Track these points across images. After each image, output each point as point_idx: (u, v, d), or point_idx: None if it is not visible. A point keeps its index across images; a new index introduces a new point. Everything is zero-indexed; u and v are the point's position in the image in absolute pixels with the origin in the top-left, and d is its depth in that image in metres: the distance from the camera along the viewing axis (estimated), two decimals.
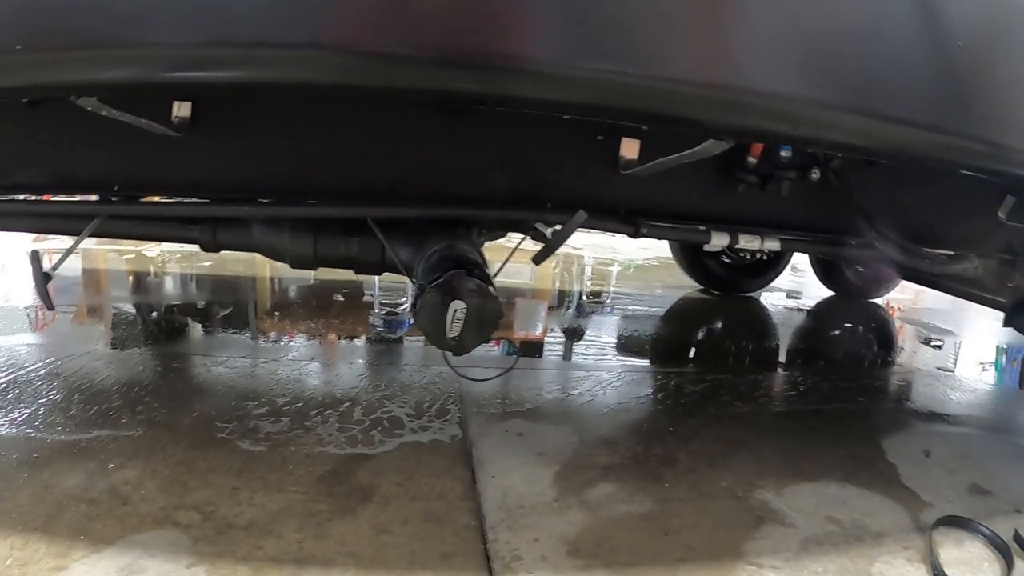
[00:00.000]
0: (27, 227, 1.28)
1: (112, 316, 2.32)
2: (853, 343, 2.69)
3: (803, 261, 3.85)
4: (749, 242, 1.29)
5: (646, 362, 2.13)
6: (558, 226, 1.13)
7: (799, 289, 3.71)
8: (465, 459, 1.27)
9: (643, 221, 1.22)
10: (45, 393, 1.45)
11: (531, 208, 1.18)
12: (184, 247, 3.43)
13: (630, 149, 1.11)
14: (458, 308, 1.02)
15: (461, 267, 1.06)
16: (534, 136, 1.15)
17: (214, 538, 0.97)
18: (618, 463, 1.30)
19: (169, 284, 2.94)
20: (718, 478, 1.27)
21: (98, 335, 2.04)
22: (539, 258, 1.16)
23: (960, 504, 1.23)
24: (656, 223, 1.24)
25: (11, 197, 1.16)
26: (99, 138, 1.07)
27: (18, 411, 1.34)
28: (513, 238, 1.47)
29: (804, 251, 1.79)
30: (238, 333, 2.09)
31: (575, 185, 1.19)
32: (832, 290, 3.44)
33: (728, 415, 1.61)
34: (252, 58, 0.71)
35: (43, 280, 1.10)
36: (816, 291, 3.50)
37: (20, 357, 1.68)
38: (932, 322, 3.04)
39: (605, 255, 4.51)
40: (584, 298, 3.10)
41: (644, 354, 2.22)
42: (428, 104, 1.09)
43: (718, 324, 2.88)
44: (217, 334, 2.09)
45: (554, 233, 1.13)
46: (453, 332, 1.04)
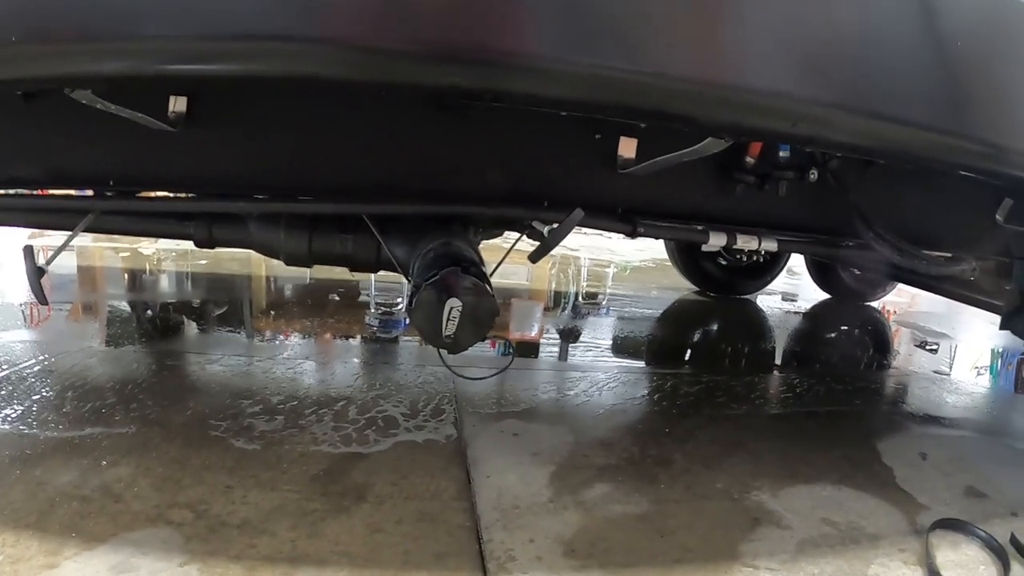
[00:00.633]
0: (21, 222, 1.27)
1: (107, 313, 2.31)
2: (849, 346, 2.70)
3: (799, 264, 3.85)
4: (747, 242, 1.29)
5: (642, 363, 2.13)
6: (555, 224, 1.13)
7: (795, 292, 3.71)
8: (460, 459, 1.26)
9: (640, 220, 1.22)
10: (38, 390, 1.44)
11: (528, 206, 1.18)
12: (180, 245, 3.43)
13: (628, 148, 1.11)
14: (454, 306, 1.02)
15: (457, 265, 1.05)
16: (532, 133, 1.15)
17: (207, 536, 0.96)
18: (614, 464, 1.30)
19: (164, 282, 2.92)
20: (714, 479, 1.26)
21: (92, 332, 2.03)
22: (535, 256, 1.16)
23: (956, 507, 1.23)
24: (653, 222, 1.25)
25: (5, 191, 1.15)
26: (94, 132, 1.06)
27: (11, 408, 1.33)
28: (509, 238, 1.47)
29: (801, 252, 1.79)
30: (233, 331, 2.08)
31: (572, 183, 1.19)
32: (828, 293, 3.44)
33: (724, 417, 1.61)
34: (249, 52, 0.70)
35: (36, 275, 1.09)
36: (812, 294, 3.50)
37: (14, 353, 1.67)
38: (928, 325, 3.05)
39: (601, 256, 4.51)
40: (580, 299, 3.09)
41: (640, 355, 2.22)
42: (426, 100, 1.09)
43: (714, 326, 2.88)
44: (212, 332, 2.08)
45: (551, 231, 1.12)
46: (449, 330, 1.03)
